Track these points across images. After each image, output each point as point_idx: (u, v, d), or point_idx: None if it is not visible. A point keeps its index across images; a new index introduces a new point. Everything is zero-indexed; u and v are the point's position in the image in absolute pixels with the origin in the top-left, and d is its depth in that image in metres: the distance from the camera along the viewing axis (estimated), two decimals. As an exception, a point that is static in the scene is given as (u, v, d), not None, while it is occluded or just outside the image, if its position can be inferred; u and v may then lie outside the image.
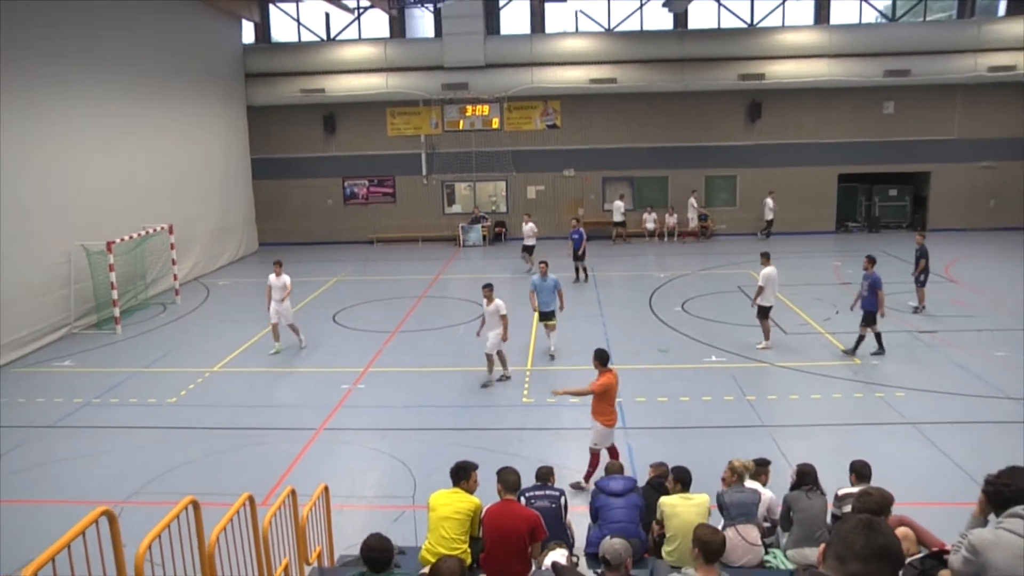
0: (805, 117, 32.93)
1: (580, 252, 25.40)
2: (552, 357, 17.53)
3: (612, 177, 34.36)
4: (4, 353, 18.36)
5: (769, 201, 32.43)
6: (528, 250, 27.69)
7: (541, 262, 18.30)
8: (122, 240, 21.92)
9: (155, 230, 24.04)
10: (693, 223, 32.97)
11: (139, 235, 23.16)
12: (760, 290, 17.67)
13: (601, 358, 11.43)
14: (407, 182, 34.80)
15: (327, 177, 35.02)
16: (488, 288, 16.09)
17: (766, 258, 18.13)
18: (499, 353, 16.06)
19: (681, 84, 31.91)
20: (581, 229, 25.61)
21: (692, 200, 32.87)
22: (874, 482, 7.99)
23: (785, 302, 21.43)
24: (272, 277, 18.40)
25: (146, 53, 25.38)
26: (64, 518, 10.77)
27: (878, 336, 17.15)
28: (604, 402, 11.23)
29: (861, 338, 17.13)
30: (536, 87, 32.45)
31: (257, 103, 33.59)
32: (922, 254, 20.05)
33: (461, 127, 33.95)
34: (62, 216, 20.74)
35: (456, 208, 35.50)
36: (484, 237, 34.00)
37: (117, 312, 21.40)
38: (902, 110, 32.51)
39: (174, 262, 25.42)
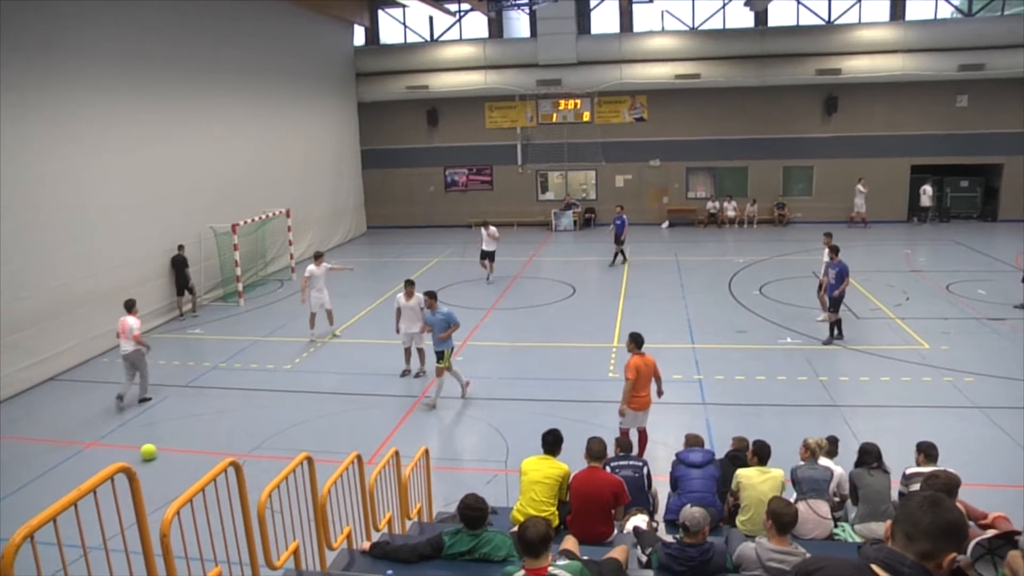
0: (879, 110, 31.71)
1: (621, 238, 25.21)
2: (432, 407, 13.88)
3: (695, 167, 33.89)
4: (148, 320, 19.08)
5: (928, 188, 31.50)
6: (487, 256, 23.93)
7: (426, 293, 14.14)
8: (245, 223, 22.51)
9: (274, 214, 24.62)
10: (861, 208, 31.55)
11: (260, 218, 23.75)
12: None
13: (636, 340, 11.13)
14: (503, 171, 34.86)
15: (430, 166, 35.32)
16: (410, 284, 15.17)
17: (830, 236, 18.04)
18: (419, 350, 15.44)
19: (761, 79, 31.17)
20: (624, 216, 25.46)
21: (860, 186, 31.46)
22: (940, 463, 7.74)
23: (858, 288, 20.87)
24: (312, 267, 17.94)
25: (270, 57, 26.05)
26: (196, 465, 11.23)
27: (838, 323, 16.69)
28: (637, 384, 10.95)
29: (833, 324, 16.71)
30: (624, 83, 32.11)
31: (367, 99, 34.03)
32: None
33: (554, 120, 33.79)
34: (193, 201, 21.44)
35: (549, 195, 35.43)
36: (575, 223, 33.88)
37: (240, 287, 22.07)
38: (975, 103, 30.95)
39: (291, 243, 26.05)
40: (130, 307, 14.72)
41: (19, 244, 15.47)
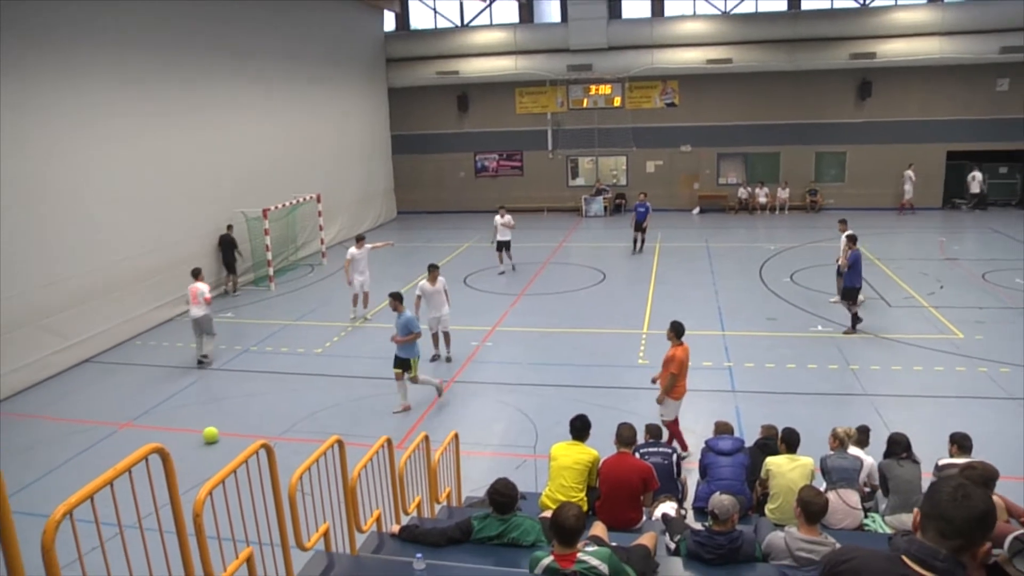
0: (915, 95, 31.12)
1: (643, 224, 24.93)
2: (440, 392, 13.42)
3: (726, 153, 33.61)
4: (179, 304, 19.33)
5: (978, 174, 30.86)
6: (504, 247, 22.94)
7: (391, 295, 13.52)
8: (276, 208, 22.66)
9: (305, 199, 24.74)
10: (910, 195, 31.09)
11: (291, 203, 23.90)
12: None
13: (677, 330, 10.97)
14: (534, 156, 34.82)
15: (460, 152, 35.36)
16: (434, 268, 15.30)
17: (844, 223, 18.13)
18: (445, 334, 15.49)
19: (793, 64, 30.77)
20: (648, 203, 25.16)
21: (909, 172, 30.92)
22: (974, 455, 7.63)
23: (891, 276, 20.68)
24: (353, 250, 18.29)
25: (300, 44, 26.20)
26: (228, 447, 11.37)
27: (855, 315, 16.41)
28: (680, 375, 10.85)
29: (854, 315, 16.47)
30: (656, 68, 31.89)
31: (397, 85, 34.11)
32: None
33: (585, 105, 33.67)
34: (225, 187, 21.64)
35: (579, 181, 35.32)
36: (605, 208, 33.79)
37: (271, 271, 22.24)
38: (1017, 87, 30.20)
39: (321, 228, 26.18)
40: (197, 274, 15.73)
41: (52, 230, 15.68)
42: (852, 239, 16.61)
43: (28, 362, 14.93)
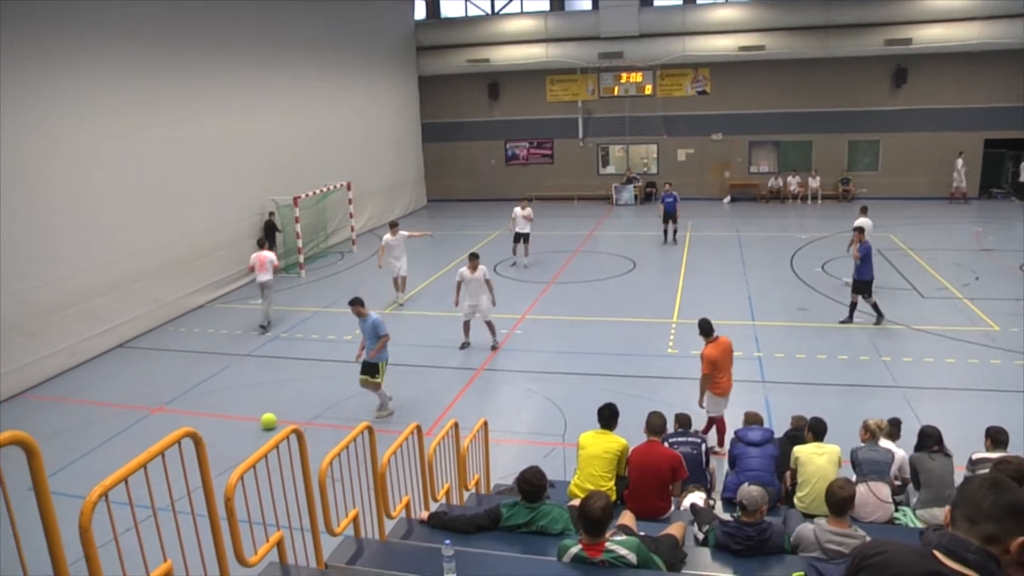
0: (953, 81, 30.50)
1: (675, 215, 24.75)
2: (390, 413, 12.59)
3: (758, 141, 33.31)
4: (210, 291, 19.57)
5: None
6: (521, 239, 22.40)
7: (351, 302, 12.51)
8: (307, 196, 22.79)
9: (335, 187, 24.85)
10: (960, 184, 30.58)
11: (321, 191, 24.02)
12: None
13: (704, 329, 10.92)
14: (564, 144, 34.73)
15: (490, 140, 35.40)
16: (474, 257, 15.38)
17: (864, 211, 18.36)
18: (488, 323, 15.47)
19: (827, 50, 30.30)
20: (675, 193, 24.94)
21: (959, 161, 30.40)
22: (1010, 450, 7.51)
23: (924, 266, 20.43)
24: (388, 236, 18.53)
25: (331, 32, 26.31)
26: (258, 432, 11.49)
27: (875, 306, 16.15)
28: (715, 371, 10.80)
29: (853, 305, 16.23)
30: (687, 55, 31.62)
31: (427, 73, 34.14)
32: None
33: (616, 93, 33.53)
34: (256, 175, 21.81)
35: (610, 169, 35.26)
36: (635, 197, 33.66)
37: (302, 259, 22.40)
38: (1061, 72, 29.43)
39: (351, 215, 26.30)
40: (262, 244, 18.01)
41: (89, 216, 15.90)
42: (860, 231, 16.40)
43: (62, 347, 15.16)
